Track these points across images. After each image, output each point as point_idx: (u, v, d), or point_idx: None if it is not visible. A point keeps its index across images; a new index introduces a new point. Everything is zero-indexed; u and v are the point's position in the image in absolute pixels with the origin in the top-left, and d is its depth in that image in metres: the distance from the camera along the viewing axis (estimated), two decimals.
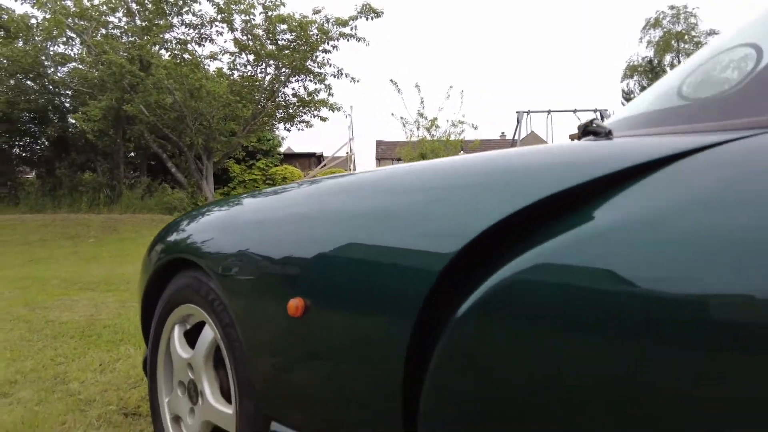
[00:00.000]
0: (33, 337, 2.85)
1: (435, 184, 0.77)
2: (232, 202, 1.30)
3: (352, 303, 0.77)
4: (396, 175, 0.86)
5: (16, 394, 1.93)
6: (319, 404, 0.83)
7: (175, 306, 1.27)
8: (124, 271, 5.96)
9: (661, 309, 0.48)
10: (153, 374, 1.38)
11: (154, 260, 1.41)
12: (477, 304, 0.62)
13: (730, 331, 0.44)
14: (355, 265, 0.79)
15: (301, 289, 0.83)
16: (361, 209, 0.84)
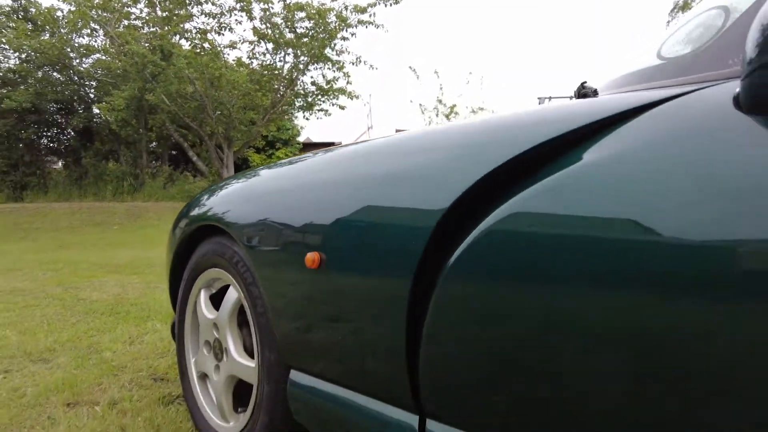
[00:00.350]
0: (67, 313, 3.01)
1: (431, 145, 0.84)
2: (249, 173, 1.38)
3: (362, 255, 0.84)
4: (396, 140, 0.93)
5: (55, 360, 2.06)
6: (332, 351, 0.91)
7: (201, 271, 1.36)
8: (148, 255, 6.15)
9: (637, 248, 0.54)
10: (180, 337, 1.48)
11: (180, 232, 1.51)
12: (465, 253, 0.69)
13: (703, 268, 0.50)
14: (363, 222, 0.86)
15: (317, 245, 0.91)
16: (367, 172, 0.91)
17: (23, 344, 2.29)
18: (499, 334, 0.66)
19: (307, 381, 0.98)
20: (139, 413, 1.52)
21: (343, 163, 1.00)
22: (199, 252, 1.37)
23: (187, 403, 1.44)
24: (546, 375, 0.62)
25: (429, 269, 0.73)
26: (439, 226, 0.72)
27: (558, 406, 0.61)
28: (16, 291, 3.79)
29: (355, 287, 0.85)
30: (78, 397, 1.65)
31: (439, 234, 0.73)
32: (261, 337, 1.11)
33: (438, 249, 0.73)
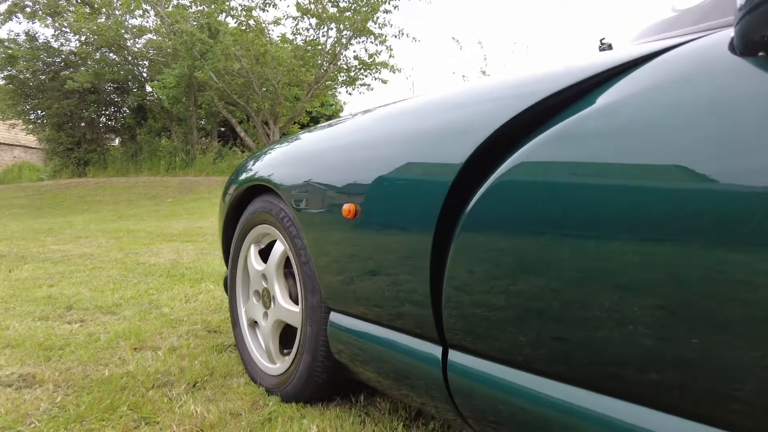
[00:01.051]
0: (129, 275, 3.27)
1: (452, 104, 0.90)
2: (292, 137, 1.48)
3: (391, 206, 0.92)
4: (421, 102, 1.00)
5: (122, 313, 2.28)
6: (366, 293, 1.00)
7: (251, 228, 1.49)
8: (199, 225, 6.47)
9: (643, 191, 0.59)
10: (233, 289, 1.62)
11: (230, 194, 1.63)
12: (479, 202, 0.75)
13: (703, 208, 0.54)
14: (391, 176, 0.94)
15: (352, 197, 1.00)
16: (394, 131, 0.99)
17: (94, 299, 2.53)
18: (509, 274, 0.73)
19: (345, 322, 1.08)
20: (195, 357, 1.68)
21: (373, 124, 1.08)
22: (249, 210, 1.49)
23: (238, 349, 1.59)
24: (550, 309, 0.68)
25: (449, 217, 0.81)
26: (457, 178, 0.79)
27: (561, 335, 0.68)
28: (85, 255, 4.12)
29: (385, 235, 0.94)
30: (142, 343, 1.84)
31: (458, 185, 0.80)
32: (304, 284, 1.22)
33: (457, 199, 0.80)
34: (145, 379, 1.48)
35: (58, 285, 2.93)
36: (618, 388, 0.63)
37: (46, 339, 1.86)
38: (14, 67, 13.78)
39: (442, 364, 0.84)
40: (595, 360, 0.64)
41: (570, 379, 0.68)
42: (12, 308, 2.36)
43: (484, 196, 0.75)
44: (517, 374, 0.75)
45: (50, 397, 1.37)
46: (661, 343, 0.57)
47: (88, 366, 1.60)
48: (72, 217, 8.68)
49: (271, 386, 1.37)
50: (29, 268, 3.55)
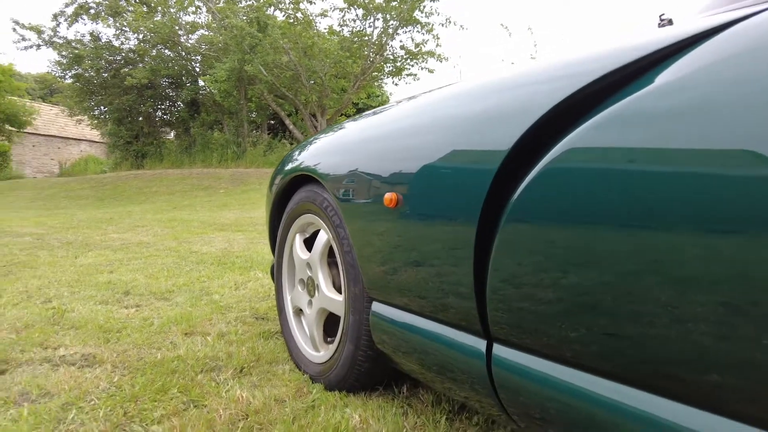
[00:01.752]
0: (182, 263, 3.39)
1: (499, 87, 0.86)
2: (337, 127, 1.48)
3: (433, 195, 0.90)
4: (466, 87, 0.96)
5: (174, 299, 2.37)
6: (408, 283, 0.99)
7: (296, 218, 1.50)
8: (250, 215, 6.65)
9: (709, 178, 0.54)
10: (278, 277, 1.64)
11: (276, 184, 1.65)
12: (526, 190, 0.72)
13: None
14: (434, 164, 0.91)
15: (394, 186, 0.98)
16: (437, 118, 0.96)
17: (149, 286, 2.64)
18: (558, 266, 0.69)
19: (387, 311, 1.07)
20: (243, 343, 1.72)
21: (416, 110, 1.05)
22: (294, 200, 1.50)
23: (284, 336, 1.61)
24: (602, 303, 0.65)
25: (494, 206, 0.78)
26: (503, 165, 0.76)
27: (613, 332, 0.64)
28: (142, 244, 4.31)
29: (427, 224, 0.92)
30: (193, 329, 1.90)
31: (504, 172, 0.76)
32: (347, 273, 1.22)
33: (502, 187, 0.77)
34: (194, 363, 1.53)
35: (117, 271, 3.08)
36: (673, 389, 0.59)
37: (105, 322, 1.96)
38: (80, 66, 14.57)
39: (487, 359, 0.82)
40: (649, 358, 0.60)
41: (621, 378, 0.64)
42: (77, 292, 2.50)
43: (532, 184, 0.71)
44: (566, 371, 0.72)
45: (108, 377, 1.44)
46: (723, 342, 0.53)
47: (142, 349, 1.67)
48: (130, 207, 9.12)
49: (315, 374, 1.38)
50: (92, 255, 3.75)
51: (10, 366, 1.53)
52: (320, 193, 1.34)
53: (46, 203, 11.00)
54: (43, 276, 2.93)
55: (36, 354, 1.62)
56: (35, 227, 5.75)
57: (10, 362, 1.55)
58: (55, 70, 15.19)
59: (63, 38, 14.48)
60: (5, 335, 1.80)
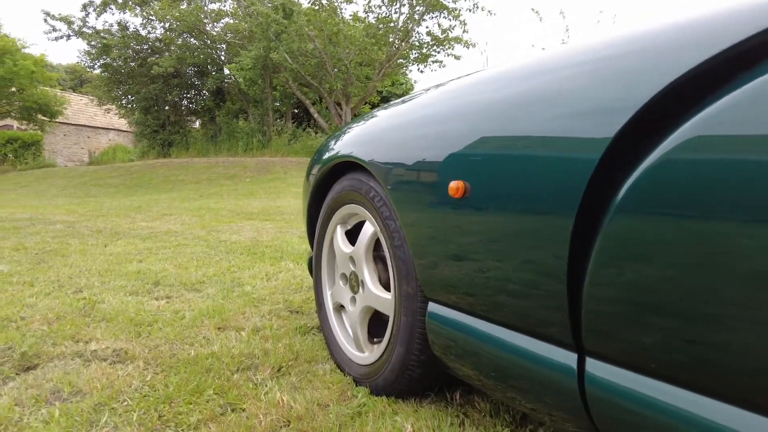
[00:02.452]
0: (211, 252, 3.34)
1: (597, 58, 0.73)
2: (381, 110, 1.35)
3: (514, 185, 0.78)
4: (554, 56, 0.83)
5: (205, 291, 2.30)
6: (476, 284, 0.87)
7: (337, 208, 1.39)
8: (277, 204, 6.60)
9: None
10: (317, 271, 1.54)
11: (314, 174, 1.55)
12: (640, 181, 0.59)
13: None
14: (515, 148, 0.79)
15: (461, 173, 0.86)
16: (521, 94, 0.83)
17: (179, 276, 2.58)
18: (674, 273, 0.57)
19: (448, 314, 0.96)
20: (279, 340, 1.63)
21: (493, 87, 0.92)
22: (335, 189, 1.39)
23: (323, 333, 1.52)
24: (719, 315, 0.53)
25: (595, 200, 0.65)
26: (607, 153, 0.64)
27: (734, 349, 0.52)
28: (170, 232, 4.29)
29: (505, 218, 0.80)
30: (226, 323, 1.82)
31: (609, 162, 0.64)
32: (398, 270, 1.10)
33: (607, 178, 0.64)
34: (229, 361, 1.45)
35: (146, 260, 3.04)
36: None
37: (136, 314, 1.89)
38: (108, 56, 14.73)
39: (578, 375, 0.70)
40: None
41: (747, 403, 0.53)
42: (107, 282, 2.45)
43: (647, 174, 0.59)
44: (677, 393, 0.60)
45: (141, 375, 1.36)
46: None
47: (174, 344, 1.60)
48: (158, 196, 9.19)
49: (360, 376, 1.28)
50: (121, 243, 3.73)
51: (42, 360, 1.47)
52: (366, 181, 1.22)
53: (76, 191, 11.19)
54: (74, 264, 2.91)
55: (67, 348, 1.55)
56: (66, 215, 5.80)
57: (41, 356, 1.49)
58: (84, 60, 15.39)
59: (92, 28, 14.65)
60: (37, 327, 1.75)
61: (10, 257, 3.20)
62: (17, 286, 2.36)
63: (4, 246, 3.62)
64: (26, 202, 8.66)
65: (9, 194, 10.93)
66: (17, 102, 17.12)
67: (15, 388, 1.29)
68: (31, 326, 1.76)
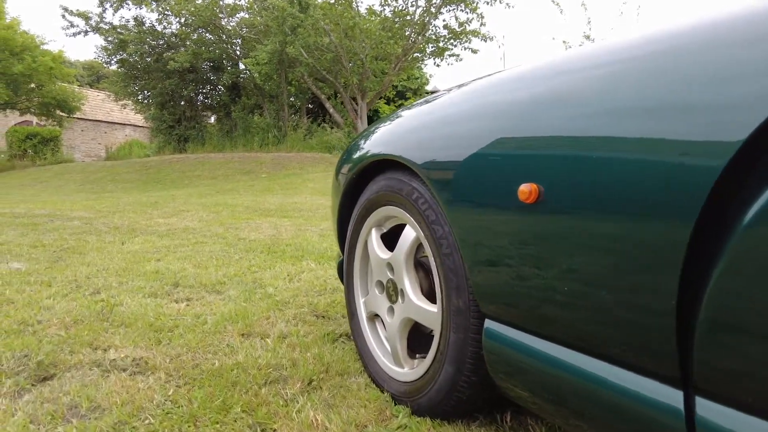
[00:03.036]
0: (230, 250, 3.26)
1: (723, 40, 0.60)
2: (421, 102, 1.24)
3: (605, 192, 0.66)
4: (656, 35, 0.70)
5: (227, 292, 2.21)
6: (551, 302, 0.76)
7: (372, 210, 1.28)
8: (294, 201, 6.52)
9: None
10: (349, 277, 1.44)
11: (345, 173, 1.44)
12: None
13: None
14: (610, 147, 0.67)
15: (534, 174, 0.75)
16: (615, 82, 0.71)
17: (199, 276, 2.50)
18: None
19: (511, 334, 0.84)
20: (307, 349, 1.53)
21: (578, 73, 0.79)
22: (371, 190, 1.29)
23: (356, 344, 1.41)
24: None
25: (722, 209, 0.54)
26: (741, 153, 0.52)
27: None
28: (188, 229, 4.22)
29: (591, 228, 0.68)
30: (250, 329, 1.73)
31: (741, 164, 0.52)
32: (446, 280, 0.99)
33: (739, 184, 0.53)
34: (256, 372, 1.35)
35: (164, 259, 2.97)
36: None
37: (156, 319, 1.81)
38: (125, 51, 14.77)
39: (687, 418, 0.58)
40: None
41: None
42: (125, 282, 2.38)
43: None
44: None
45: (162, 388, 1.27)
46: None
47: (197, 353, 1.51)
48: (174, 191, 9.18)
49: (399, 393, 1.17)
50: (139, 240, 3.67)
51: (59, 370, 1.39)
52: (407, 181, 1.11)
53: (93, 186, 11.25)
54: (92, 263, 2.84)
55: (85, 356, 1.47)
56: (84, 211, 5.78)
57: (58, 365, 1.41)
58: (101, 55, 15.46)
59: (109, 24, 14.70)
60: (54, 331, 1.68)
61: (28, 255, 3.15)
62: (35, 286, 2.29)
63: (23, 243, 3.58)
64: (45, 197, 8.71)
65: (28, 189, 11.03)
66: (36, 98, 17.28)
67: (31, 402, 1.21)
68: (48, 331, 1.68)
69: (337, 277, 2.49)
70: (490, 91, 0.93)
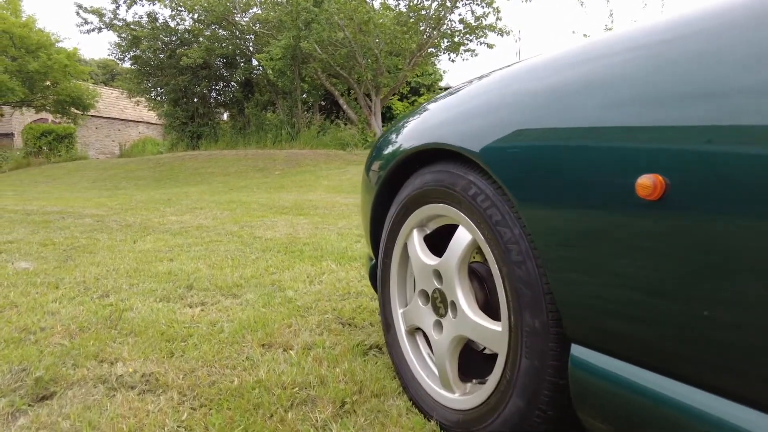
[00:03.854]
0: (246, 250, 3.10)
1: None
2: (477, 79, 1.06)
3: (755, 185, 0.48)
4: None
5: (244, 296, 2.05)
6: (670, 330, 0.58)
7: (415, 208, 1.11)
8: (309, 198, 6.37)
9: None
10: (384, 284, 1.27)
11: (377, 169, 1.27)
12: None
13: None
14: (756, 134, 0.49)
15: (655, 164, 0.57)
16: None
17: (214, 278, 2.35)
18: None
19: (610, 365, 0.67)
20: (336, 363, 1.37)
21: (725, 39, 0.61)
22: (413, 185, 1.11)
23: (392, 360, 1.25)
24: None
25: None
26: None
27: None
28: (202, 227, 4.08)
29: (736, 233, 0.50)
30: (271, 338, 1.57)
31: None
32: (514, 294, 0.82)
33: None
34: (281, 392, 1.19)
35: (177, 259, 2.83)
36: None
37: (168, 326, 1.66)
38: (138, 48, 14.74)
39: None
40: None
41: None
42: (135, 284, 2.24)
43: None
44: None
45: (175, 411, 1.11)
46: None
47: (213, 367, 1.35)
48: (187, 188, 9.08)
49: (451, 423, 1.00)
50: (151, 239, 3.53)
51: (60, 387, 1.24)
52: (463, 174, 0.94)
53: (106, 183, 11.21)
54: (102, 263, 2.71)
55: (90, 371, 1.32)
56: (96, 208, 5.69)
57: (59, 381, 1.26)
58: (114, 52, 15.45)
59: (122, 20, 14.68)
60: (58, 340, 1.53)
61: (37, 253, 3.03)
62: (41, 288, 2.16)
63: (33, 241, 3.47)
64: (58, 194, 8.66)
65: (42, 186, 11.02)
66: (51, 96, 17.34)
67: (25, 427, 1.06)
68: (51, 340, 1.54)
69: (362, 280, 2.32)
70: (587, 57, 0.75)
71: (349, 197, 6.50)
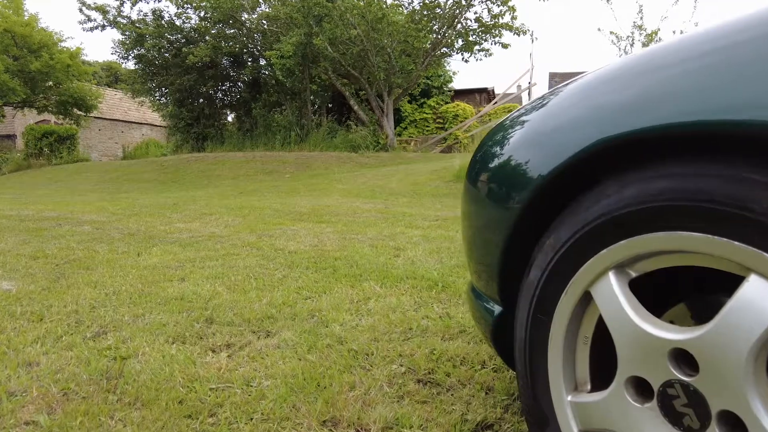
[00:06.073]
0: (269, 265, 2.65)
1: None
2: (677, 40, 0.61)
3: None
4: None
5: (279, 334, 1.60)
6: None
7: (619, 237, 0.65)
8: (325, 203, 5.91)
9: None
10: (534, 353, 0.81)
11: (536, 167, 0.82)
12: None
13: None
14: None
15: None
16: None
17: (237, 305, 1.90)
18: None
19: None
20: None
21: None
22: (611, 202, 0.66)
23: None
24: None
25: None
26: None
27: None
28: (214, 237, 3.63)
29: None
30: (334, 411, 1.11)
31: None
32: None
33: None
34: None
35: (189, 278, 2.37)
36: None
37: (188, 389, 1.20)
38: (142, 47, 14.33)
39: None
40: None
41: None
42: (141, 316, 1.78)
43: None
44: None
45: None
46: None
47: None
48: (194, 192, 8.63)
49: None
50: (157, 252, 3.08)
51: None
52: (757, 188, 0.48)
53: (109, 186, 10.78)
54: (100, 283, 2.26)
55: None
56: (96, 213, 5.24)
57: None
58: (117, 50, 15.04)
59: (127, 18, 14.28)
60: (31, 417, 1.07)
61: (25, 269, 2.58)
62: (20, 322, 1.71)
63: (23, 253, 3.02)
64: (58, 198, 8.22)
65: (42, 189, 10.59)
66: (54, 96, 16.94)
67: None
68: (20, 415, 1.08)
69: (419, 309, 1.83)
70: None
71: (369, 202, 6.04)
